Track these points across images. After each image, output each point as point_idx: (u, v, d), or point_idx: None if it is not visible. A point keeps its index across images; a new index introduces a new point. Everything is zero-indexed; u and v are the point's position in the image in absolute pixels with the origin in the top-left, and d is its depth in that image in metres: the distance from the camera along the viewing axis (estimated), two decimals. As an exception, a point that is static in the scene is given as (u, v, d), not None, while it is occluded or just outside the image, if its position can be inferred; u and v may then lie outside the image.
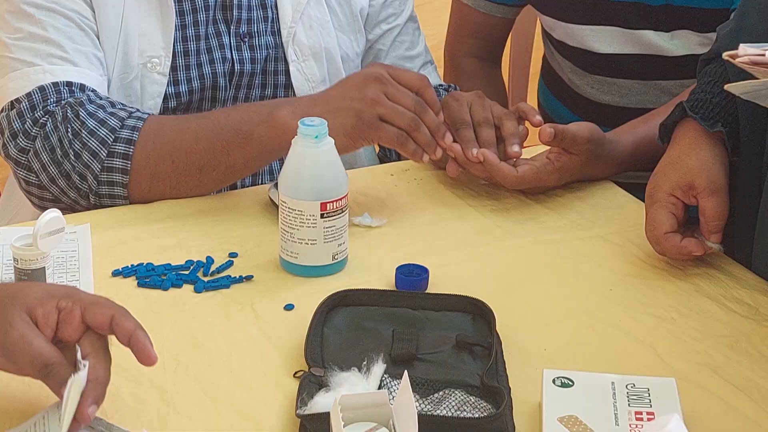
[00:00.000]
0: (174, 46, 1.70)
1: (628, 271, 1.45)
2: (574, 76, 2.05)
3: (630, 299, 1.39)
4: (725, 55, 1.12)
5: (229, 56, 1.74)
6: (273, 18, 1.77)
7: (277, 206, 1.45)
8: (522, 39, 2.44)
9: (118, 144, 1.56)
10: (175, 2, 1.69)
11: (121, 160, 1.56)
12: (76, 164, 1.55)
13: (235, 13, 1.74)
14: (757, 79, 1.09)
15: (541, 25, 2.12)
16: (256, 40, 1.76)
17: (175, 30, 1.70)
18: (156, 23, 1.69)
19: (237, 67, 1.74)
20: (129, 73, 1.69)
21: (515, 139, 1.60)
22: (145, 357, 1.09)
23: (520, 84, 2.50)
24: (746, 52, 1.06)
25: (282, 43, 1.77)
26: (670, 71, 1.94)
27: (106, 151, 1.55)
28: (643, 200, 1.64)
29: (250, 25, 1.75)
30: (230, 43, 1.74)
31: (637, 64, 1.95)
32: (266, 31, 1.77)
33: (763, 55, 1.04)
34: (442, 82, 1.96)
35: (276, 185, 1.48)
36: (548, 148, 1.63)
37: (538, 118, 1.63)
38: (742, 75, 1.18)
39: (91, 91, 1.61)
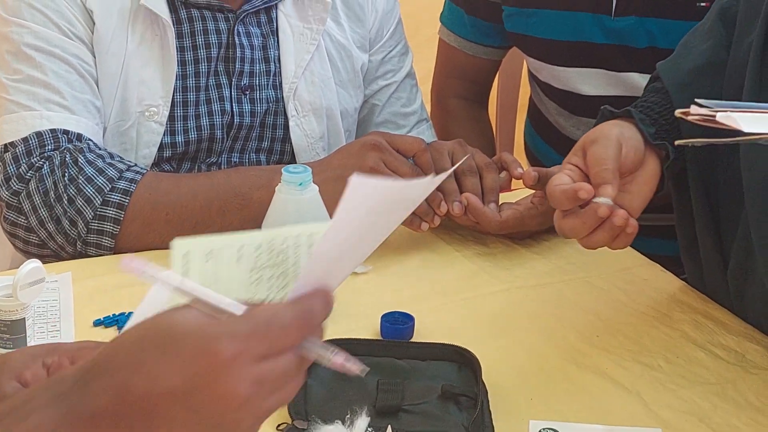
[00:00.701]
0: (173, 95, 1.69)
1: (615, 318, 1.44)
2: (560, 118, 2.05)
3: (617, 346, 1.38)
4: (677, 112, 1.12)
5: (229, 108, 1.73)
6: (275, 72, 1.76)
7: None
8: (509, 78, 2.44)
9: (114, 194, 1.55)
10: (177, 51, 1.68)
11: (114, 210, 1.55)
12: (68, 209, 1.54)
13: (237, 65, 1.73)
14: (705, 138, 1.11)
15: (527, 67, 2.12)
16: (257, 94, 1.75)
17: (176, 79, 1.69)
18: (157, 72, 1.68)
19: (236, 119, 1.74)
20: (126, 120, 1.68)
21: (493, 196, 1.59)
22: None
23: (508, 121, 2.49)
24: (698, 111, 1.07)
25: (283, 98, 1.77)
26: None
27: (101, 199, 1.55)
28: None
29: (252, 78, 1.74)
30: (230, 95, 1.73)
31: (622, 107, 1.95)
32: (268, 84, 1.76)
33: (714, 117, 1.05)
34: (437, 140, 1.95)
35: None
36: (532, 192, 1.62)
37: (520, 170, 1.62)
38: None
39: (89, 140, 1.60)
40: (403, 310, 1.40)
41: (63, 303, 1.43)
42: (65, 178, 1.55)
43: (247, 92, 1.74)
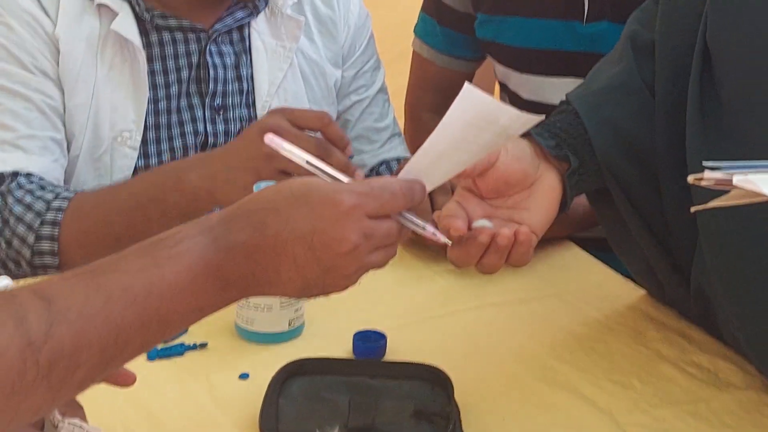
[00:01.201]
0: (146, 119, 1.68)
1: (588, 335, 1.44)
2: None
3: (590, 364, 1.38)
4: (690, 178, 1.07)
5: (202, 129, 1.72)
6: (248, 90, 1.75)
7: None
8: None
9: (44, 227, 1.56)
10: (148, 75, 1.67)
11: (48, 243, 1.56)
12: (9, 252, 1.56)
13: (210, 85, 1.72)
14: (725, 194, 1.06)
15: (497, 81, 2.11)
16: (231, 113, 1.74)
17: (148, 103, 1.68)
18: (128, 96, 1.67)
19: (210, 140, 1.73)
20: (99, 147, 1.67)
21: None
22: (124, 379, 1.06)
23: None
24: (712, 176, 1.03)
25: (256, 116, 1.76)
26: None
27: (33, 236, 1.55)
28: (601, 257, 1.64)
29: (225, 98, 1.73)
30: (204, 115, 1.72)
31: None
32: (241, 103, 1.75)
33: (731, 180, 1.02)
34: (410, 155, 1.94)
35: None
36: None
37: None
38: None
39: (31, 177, 1.60)
40: (376, 329, 1.40)
41: (32, 321, 1.42)
42: None
43: (221, 112, 1.73)
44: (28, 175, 1.60)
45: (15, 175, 1.60)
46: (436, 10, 2.09)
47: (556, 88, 1.95)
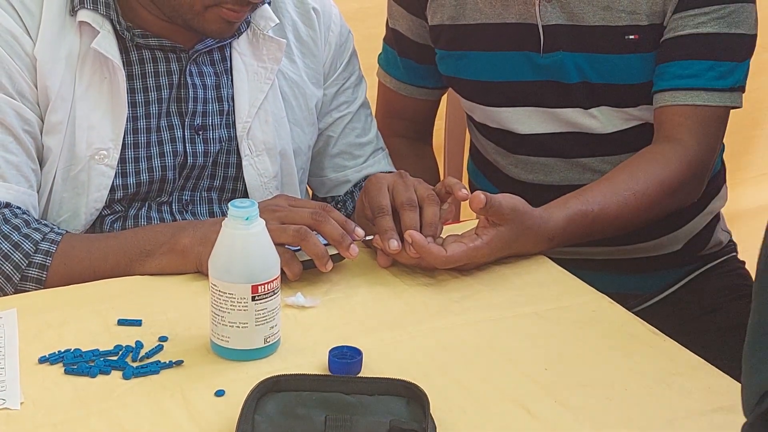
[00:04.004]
0: (124, 137, 1.68)
1: (564, 350, 1.44)
2: (498, 156, 2.05)
3: (566, 379, 1.38)
4: None
5: (181, 149, 1.72)
6: (228, 111, 1.75)
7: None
8: (458, 111, 2.45)
9: (31, 269, 1.56)
10: (128, 93, 1.67)
11: (34, 285, 1.56)
12: None
13: (190, 105, 1.72)
14: None
15: (463, 107, 2.12)
16: (210, 133, 1.74)
17: (127, 122, 1.68)
18: (106, 115, 1.67)
19: (189, 160, 1.73)
20: (76, 164, 1.67)
21: (431, 230, 1.59)
22: None
23: (456, 156, 2.49)
24: None
25: (236, 137, 1.76)
26: (592, 148, 1.95)
27: (19, 276, 1.56)
28: (577, 275, 1.64)
29: (204, 118, 1.73)
30: (183, 135, 1.72)
31: (558, 142, 1.96)
32: (221, 124, 1.75)
33: None
34: (394, 169, 1.95)
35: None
36: (476, 223, 1.62)
37: (464, 191, 1.61)
38: None
39: (16, 208, 1.60)
40: (351, 345, 1.39)
41: (8, 341, 1.41)
42: None
43: (200, 132, 1.73)
44: (8, 205, 1.60)
45: (8, 204, 1.60)
46: (395, 42, 2.10)
47: (520, 117, 1.96)
